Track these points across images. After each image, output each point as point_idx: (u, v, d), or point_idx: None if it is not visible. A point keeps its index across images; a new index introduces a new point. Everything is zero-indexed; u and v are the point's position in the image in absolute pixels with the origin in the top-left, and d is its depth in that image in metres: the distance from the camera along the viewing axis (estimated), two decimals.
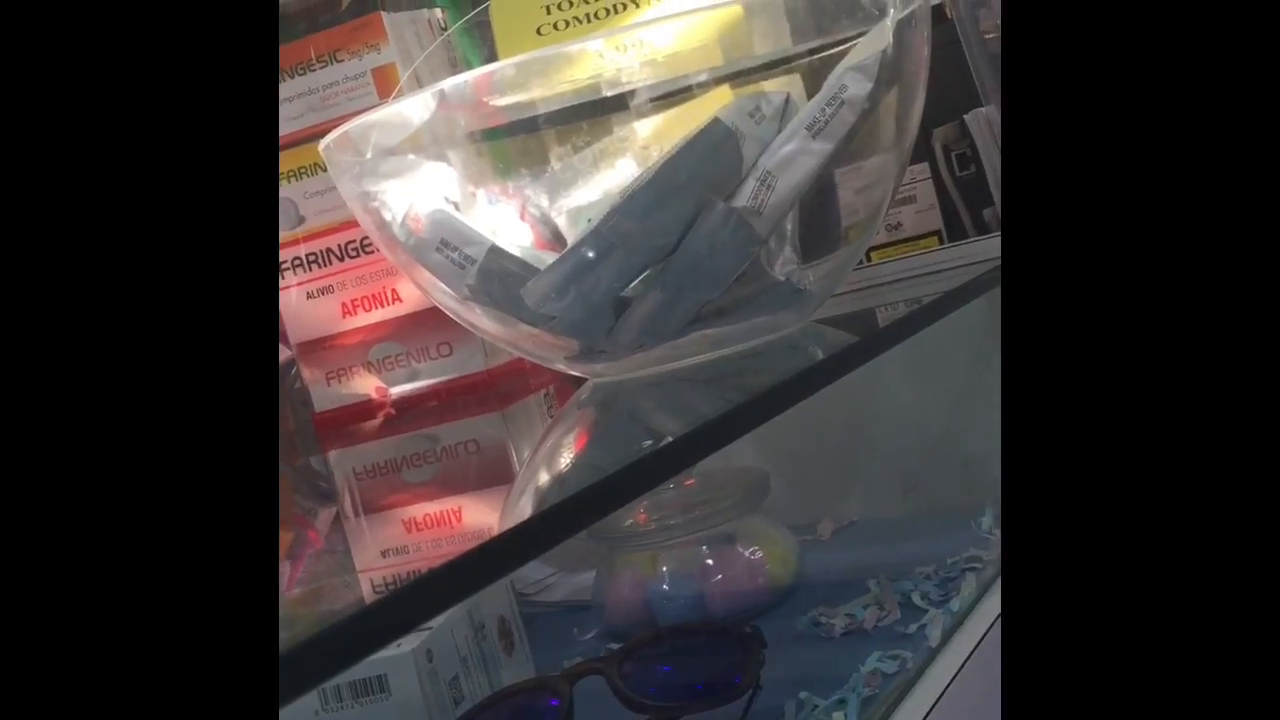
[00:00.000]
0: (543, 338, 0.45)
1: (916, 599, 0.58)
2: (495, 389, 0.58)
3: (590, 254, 0.41)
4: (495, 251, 0.43)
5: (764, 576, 0.62)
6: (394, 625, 0.25)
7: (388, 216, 0.46)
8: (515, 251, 0.45)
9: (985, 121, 0.74)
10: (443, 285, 0.45)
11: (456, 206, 0.47)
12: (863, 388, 0.74)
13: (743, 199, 0.41)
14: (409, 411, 0.59)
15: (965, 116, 0.76)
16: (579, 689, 0.47)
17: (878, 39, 0.44)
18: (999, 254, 0.62)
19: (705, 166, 0.41)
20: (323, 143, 0.47)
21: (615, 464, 0.32)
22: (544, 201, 0.49)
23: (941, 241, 0.78)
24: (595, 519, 0.30)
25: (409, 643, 0.51)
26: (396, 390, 0.60)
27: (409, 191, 0.46)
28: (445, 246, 0.43)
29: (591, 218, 0.44)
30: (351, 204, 0.49)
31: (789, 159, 0.42)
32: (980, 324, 0.68)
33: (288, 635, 0.23)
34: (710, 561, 0.62)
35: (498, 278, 0.43)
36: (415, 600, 0.26)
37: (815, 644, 0.57)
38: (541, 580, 0.74)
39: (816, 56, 0.47)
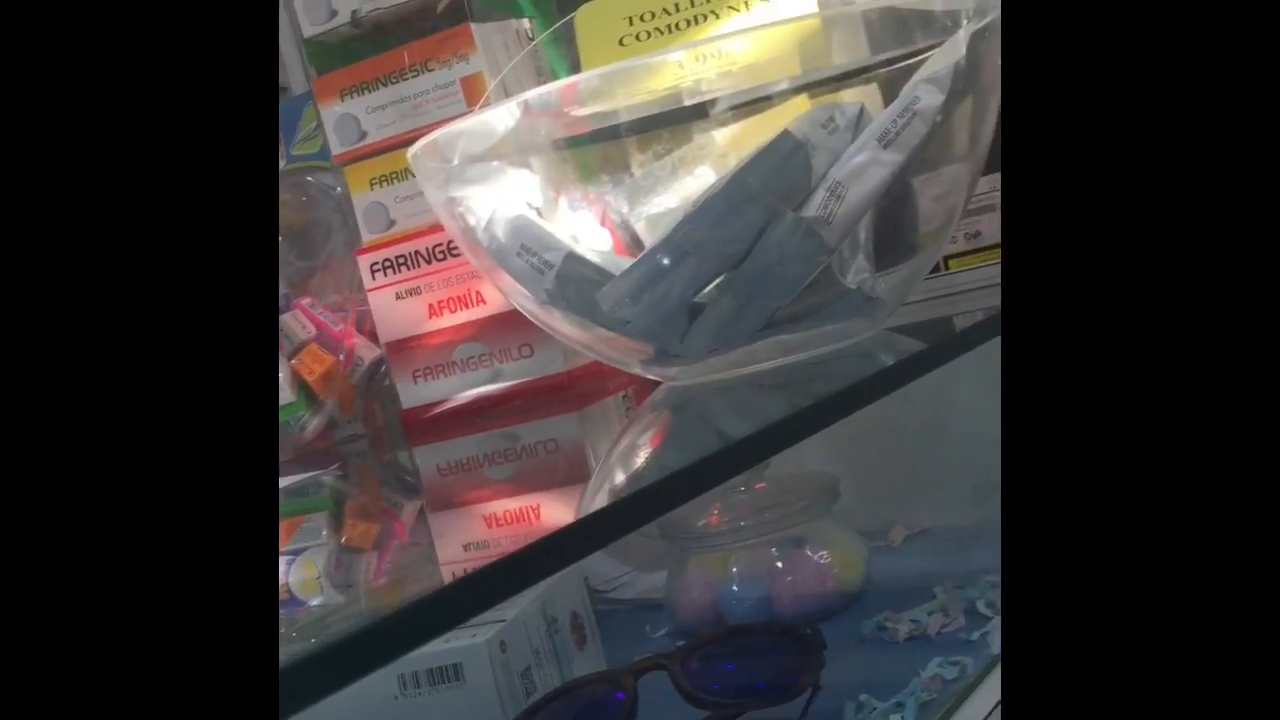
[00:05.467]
0: (619, 342, 0.46)
1: (981, 606, 0.58)
2: (574, 390, 0.59)
3: (663, 260, 0.42)
4: (572, 257, 0.44)
5: (832, 580, 0.63)
6: (463, 609, 0.26)
7: (472, 221, 0.47)
8: (594, 257, 0.45)
9: None
10: (523, 289, 0.46)
11: (539, 212, 0.48)
12: (939, 394, 0.75)
13: (812, 209, 0.42)
14: (491, 410, 0.60)
15: None
16: (644, 684, 0.47)
17: (951, 51, 0.44)
18: None
19: (775, 177, 0.41)
20: (411, 150, 0.48)
21: (679, 464, 0.33)
22: (624, 207, 0.49)
23: None
24: (651, 518, 0.31)
25: (484, 633, 0.51)
26: (479, 390, 0.61)
27: (493, 197, 0.47)
28: (525, 251, 0.44)
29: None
30: (438, 209, 0.50)
31: (859, 170, 0.42)
32: None
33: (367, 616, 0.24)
34: (779, 564, 0.63)
35: (574, 282, 0.43)
36: (482, 587, 0.27)
37: (879, 648, 0.57)
38: (616, 578, 0.75)
39: (894, 67, 0.47)
